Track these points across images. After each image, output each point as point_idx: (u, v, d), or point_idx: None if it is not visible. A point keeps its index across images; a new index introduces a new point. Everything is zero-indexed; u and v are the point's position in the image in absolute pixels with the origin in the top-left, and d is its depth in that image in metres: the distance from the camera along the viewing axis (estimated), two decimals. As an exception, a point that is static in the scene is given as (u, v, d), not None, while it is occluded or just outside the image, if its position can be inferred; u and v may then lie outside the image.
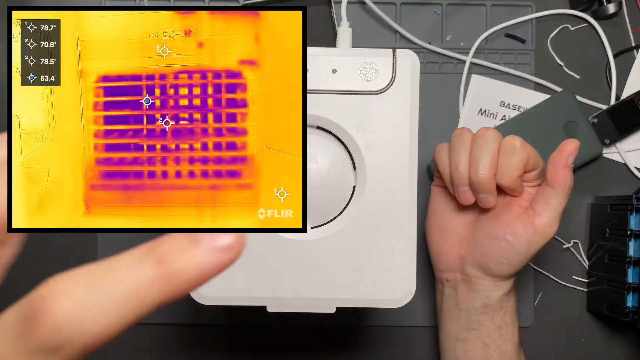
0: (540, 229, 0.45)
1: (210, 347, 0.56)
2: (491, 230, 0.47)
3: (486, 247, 0.47)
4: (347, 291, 0.41)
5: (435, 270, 0.52)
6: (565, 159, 0.44)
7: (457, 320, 0.49)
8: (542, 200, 0.45)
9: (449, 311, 0.50)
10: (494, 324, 0.48)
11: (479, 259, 0.47)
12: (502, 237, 0.46)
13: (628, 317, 0.50)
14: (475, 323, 0.48)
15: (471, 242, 0.48)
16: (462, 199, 0.46)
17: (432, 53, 0.56)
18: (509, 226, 0.46)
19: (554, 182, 0.45)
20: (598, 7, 0.56)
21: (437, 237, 0.51)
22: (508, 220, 0.46)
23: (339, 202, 0.41)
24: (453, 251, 0.49)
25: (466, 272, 0.48)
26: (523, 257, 0.46)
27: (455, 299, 0.50)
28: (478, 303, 0.48)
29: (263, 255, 0.41)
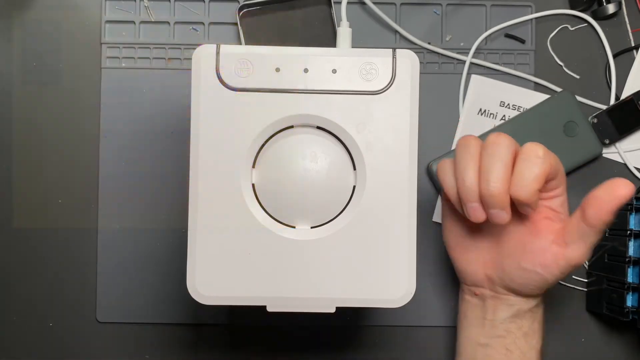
0: (573, 261, 0.43)
1: (210, 347, 0.56)
2: (520, 260, 0.44)
3: (515, 275, 0.45)
4: (347, 291, 0.41)
5: (462, 283, 0.50)
6: (615, 206, 0.40)
7: (482, 327, 0.48)
8: (576, 235, 0.42)
9: (475, 318, 0.48)
10: (521, 331, 0.47)
11: (508, 284, 0.46)
12: (532, 269, 0.44)
13: (628, 316, 0.50)
14: (502, 330, 0.47)
15: (498, 267, 0.46)
16: (472, 216, 0.42)
17: (432, 53, 0.56)
18: (539, 258, 0.43)
19: (594, 222, 0.41)
20: (598, 7, 0.56)
21: (460, 256, 0.48)
22: (537, 252, 0.44)
23: (339, 202, 0.41)
24: (479, 271, 0.47)
25: (495, 290, 0.47)
26: (554, 283, 0.45)
27: (482, 309, 0.48)
28: (507, 314, 0.47)
29: (263, 255, 0.41)
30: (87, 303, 0.55)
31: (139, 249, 0.55)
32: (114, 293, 0.55)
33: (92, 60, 0.56)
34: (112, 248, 0.55)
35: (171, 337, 0.55)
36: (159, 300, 0.55)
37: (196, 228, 0.40)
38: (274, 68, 0.41)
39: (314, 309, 0.41)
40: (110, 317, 0.55)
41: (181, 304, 0.55)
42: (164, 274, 0.55)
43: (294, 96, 0.40)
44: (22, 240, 0.55)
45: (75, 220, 0.55)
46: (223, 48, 0.41)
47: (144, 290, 0.55)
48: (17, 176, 0.55)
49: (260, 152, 0.41)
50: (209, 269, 0.41)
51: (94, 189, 0.55)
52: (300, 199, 0.41)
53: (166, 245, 0.55)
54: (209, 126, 0.40)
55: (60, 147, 0.55)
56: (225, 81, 0.41)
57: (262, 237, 0.41)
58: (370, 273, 0.41)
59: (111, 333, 0.55)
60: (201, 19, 0.56)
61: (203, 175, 0.40)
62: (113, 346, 0.55)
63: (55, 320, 0.55)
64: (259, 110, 0.40)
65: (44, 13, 0.56)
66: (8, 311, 0.55)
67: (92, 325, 0.55)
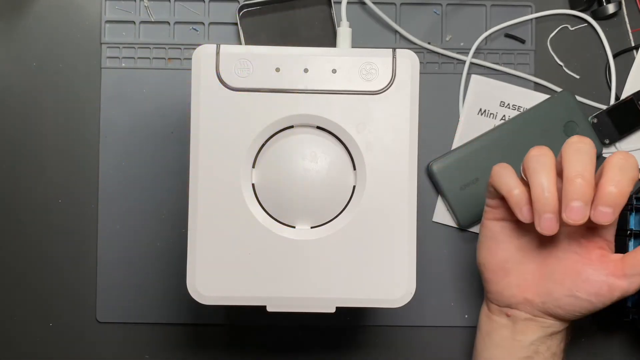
0: (629, 293, 0.43)
1: (210, 347, 0.56)
2: (573, 288, 0.44)
3: (564, 302, 0.44)
4: (347, 291, 0.41)
5: (491, 304, 0.48)
6: None
7: (510, 349, 0.46)
8: (639, 269, 0.42)
9: (502, 339, 0.47)
10: (550, 351, 0.46)
11: (552, 310, 0.45)
12: (585, 299, 0.43)
13: (628, 317, 0.50)
14: (530, 352, 0.46)
15: (543, 292, 0.45)
16: (545, 228, 0.40)
17: (432, 53, 0.56)
18: (594, 288, 0.43)
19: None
20: (598, 7, 0.56)
21: (500, 279, 0.46)
22: (593, 282, 0.43)
23: (339, 202, 0.41)
24: (519, 295, 0.46)
25: (533, 314, 0.46)
26: (600, 309, 0.44)
27: (512, 331, 0.47)
28: (539, 335, 0.46)
29: (263, 255, 0.41)
30: (87, 303, 0.55)
31: (139, 249, 0.55)
32: (114, 293, 0.55)
33: (92, 60, 0.56)
34: (112, 248, 0.55)
35: (171, 337, 0.55)
36: (159, 300, 0.55)
37: (196, 228, 0.40)
38: (274, 68, 0.41)
39: (314, 309, 0.41)
40: (110, 317, 0.55)
41: (181, 304, 0.55)
42: (164, 274, 0.55)
43: (294, 96, 0.41)
44: (22, 240, 0.55)
45: (75, 220, 0.55)
46: (223, 48, 0.41)
47: (144, 290, 0.55)
48: (17, 176, 0.55)
49: (260, 152, 0.41)
50: (209, 269, 0.41)
51: (94, 189, 0.55)
52: (300, 199, 0.41)
53: (166, 245, 0.55)
54: (209, 126, 0.40)
55: (60, 147, 0.55)
56: (225, 81, 0.41)
57: (262, 237, 0.41)
58: (370, 273, 0.41)
59: (111, 333, 0.55)
60: (201, 19, 0.56)
61: (203, 175, 0.40)
62: (113, 346, 0.55)
63: (55, 320, 0.55)
64: (259, 110, 0.41)
65: (44, 13, 0.56)
66: (8, 311, 0.55)
67: (92, 325, 0.55)
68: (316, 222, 0.41)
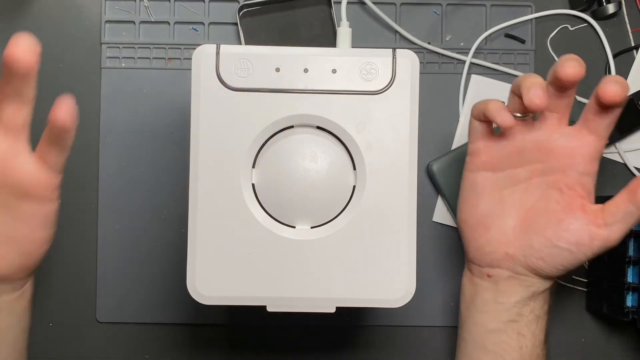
0: (610, 243, 0.43)
1: (210, 347, 0.56)
2: (553, 237, 0.44)
3: (545, 253, 0.44)
4: (347, 291, 0.41)
5: (473, 265, 0.48)
6: None
7: (493, 312, 0.46)
8: (619, 215, 0.42)
9: (484, 304, 0.47)
10: (534, 314, 0.46)
11: (534, 262, 0.45)
12: (565, 248, 0.43)
13: (628, 317, 0.50)
14: (514, 315, 0.46)
15: (525, 245, 0.45)
16: (534, 95, 0.40)
17: (432, 53, 0.56)
18: (575, 237, 0.43)
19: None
20: (598, 7, 0.56)
21: (480, 235, 0.46)
22: (574, 230, 0.43)
23: (339, 202, 0.41)
24: (500, 250, 0.46)
25: (514, 270, 0.46)
26: (581, 264, 0.44)
27: (494, 293, 0.46)
28: (521, 296, 0.46)
29: (263, 255, 0.41)
30: (87, 303, 0.55)
31: (139, 249, 0.55)
32: (114, 293, 0.55)
33: (92, 60, 0.56)
34: (112, 248, 0.55)
35: (171, 337, 0.55)
36: (158, 300, 0.55)
37: (196, 228, 0.40)
38: (274, 68, 0.41)
39: (314, 309, 0.41)
40: (110, 317, 0.55)
41: (181, 304, 0.55)
42: (164, 274, 0.55)
43: (293, 96, 0.41)
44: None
45: (75, 220, 0.55)
46: (223, 48, 0.41)
47: (144, 290, 0.55)
48: (17, 176, 0.55)
49: (260, 152, 0.41)
50: (209, 269, 0.41)
51: (94, 189, 0.55)
52: (300, 199, 0.41)
53: (166, 245, 0.55)
54: (209, 126, 0.40)
55: (60, 147, 0.55)
56: (225, 81, 0.41)
57: (262, 237, 0.41)
58: (370, 273, 0.41)
59: (111, 333, 0.55)
60: (201, 19, 0.56)
61: (203, 175, 0.40)
62: (113, 346, 0.55)
63: (55, 320, 0.55)
64: (258, 110, 0.41)
65: (44, 13, 0.56)
66: (8, 311, 0.55)
67: (92, 325, 0.55)
68: (316, 222, 0.41)
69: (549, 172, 0.44)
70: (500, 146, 0.45)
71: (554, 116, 0.44)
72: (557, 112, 0.43)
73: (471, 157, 0.46)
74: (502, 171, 0.45)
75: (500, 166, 0.45)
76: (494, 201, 0.46)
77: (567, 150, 0.43)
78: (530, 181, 0.45)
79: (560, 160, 0.44)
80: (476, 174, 0.46)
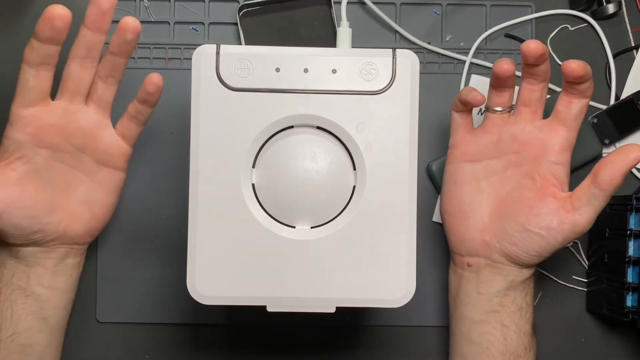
0: (579, 227, 0.44)
1: (210, 347, 0.56)
2: (525, 222, 0.45)
3: (517, 238, 0.46)
4: (347, 291, 0.41)
5: (454, 255, 0.50)
6: (628, 167, 0.43)
7: (476, 303, 0.48)
8: (585, 199, 0.44)
9: (467, 295, 0.49)
10: (515, 305, 0.48)
11: (507, 248, 0.46)
12: (536, 232, 0.45)
13: (628, 317, 0.50)
14: (496, 305, 0.48)
15: (499, 230, 0.47)
16: (501, 62, 0.45)
17: (432, 53, 0.56)
18: (545, 221, 0.45)
19: (605, 186, 0.43)
20: (598, 7, 0.56)
21: (458, 223, 0.49)
22: (544, 215, 0.45)
23: (339, 202, 0.41)
24: (477, 237, 0.48)
25: (491, 258, 0.47)
26: (554, 250, 0.46)
27: (475, 283, 0.48)
28: (501, 286, 0.47)
29: (263, 255, 0.41)
30: (87, 303, 0.55)
31: (139, 249, 0.55)
32: (114, 293, 0.55)
33: (92, 60, 0.55)
34: (112, 248, 0.55)
35: (171, 337, 0.55)
36: (159, 300, 0.55)
37: (196, 228, 0.40)
38: (273, 68, 0.41)
39: (314, 309, 0.41)
40: (110, 317, 0.55)
41: (181, 304, 0.55)
42: (164, 274, 0.55)
43: (293, 96, 0.41)
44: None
45: (75, 220, 0.55)
46: (223, 48, 0.41)
47: (144, 290, 0.55)
48: (17, 176, 0.55)
49: (260, 152, 0.41)
50: (209, 269, 0.41)
51: (94, 189, 0.55)
52: (300, 199, 0.41)
53: (166, 245, 0.55)
54: (209, 126, 0.41)
55: (60, 147, 0.55)
56: (225, 81, 0.41)
57: (262, 237, 0.41)
58: (370, 273, 0.41)
59: (111, 333, 0.55)
60: (201, 19, 0.56)
61: (203, 175, 0.41)
62: (113, 346, 0.55)
63: (55, 320, 0.55)
64: (258, 110, 0.41)
65: (44, 13, 0.56)
66: (8, 311, 0.55)
67: (92, 325, 0.55)
68: (316, 222, 0.41)
69: (523, 162, 0.47)
70: (478, 138, 0.48)
71: (527, 110, 0.47)
72: (530, 106, 0.47)
73: (451, 149, 0.49)
74: (479, 162, 0.48)
75: (478, 157, 0.48)
76: (473, 191, 0.48)
77: (539, 141, 0.46)
78: (506, 171, 0.48)
79: (533, 151, 0.46)
80: (456, 165, 0.49)
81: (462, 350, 0.50)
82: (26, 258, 0.46)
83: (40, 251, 0.46)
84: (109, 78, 0.45)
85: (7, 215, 0.43)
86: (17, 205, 0.43)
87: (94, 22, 0.42)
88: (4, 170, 0.44)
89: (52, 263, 0.47)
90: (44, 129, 0.44)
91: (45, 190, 0.45)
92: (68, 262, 0.48)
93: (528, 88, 0.46)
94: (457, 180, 0.49)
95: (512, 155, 0.47)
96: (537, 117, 0.47)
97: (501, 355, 0.47)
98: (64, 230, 0.46)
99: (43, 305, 0.47)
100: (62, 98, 0.44)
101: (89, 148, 0.46)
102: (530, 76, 0.46)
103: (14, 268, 0.46)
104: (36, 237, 0.45)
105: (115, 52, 0.44)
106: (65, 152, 0.45)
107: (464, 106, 0.48)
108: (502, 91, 0.47)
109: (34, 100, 0.43)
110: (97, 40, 0.43)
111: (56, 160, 0.45)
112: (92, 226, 0.48)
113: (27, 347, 0.46)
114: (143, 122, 0.47)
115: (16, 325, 0.46)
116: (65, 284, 0.49)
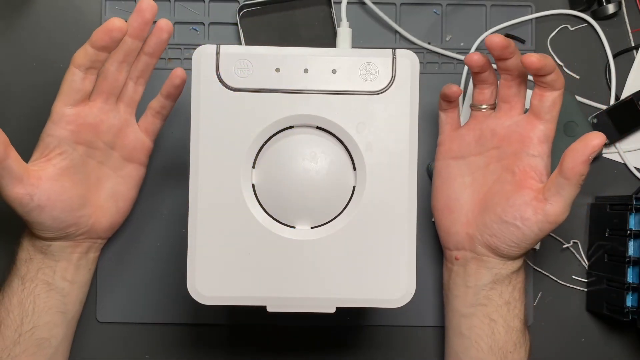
0: (551, 217, 0.45)
1: (210, 347, 0.56)
2: (501, 214, 0.47)
3: (496, 229, 0.47)
4: (347, 291, 0.41)
5: (445, 249, 0.52)
6: (588, 154, 0.43)
7: (464, 296, 0.50)
8: (554, 189, 0.45)
9: (456, 288, 0.50)
10: (503, 299, 0.49)
11: (488, 239, 0.48)
12: (512, 222, 0.46)
13: (628, 316, 0.50)
14: (483, 299, 0.49)
15: (480, 223, 0.48)
16: (472, 54, 0.47)
17: (432, 53, 0.56)
18: (519, 212, 0.46)
19: (569, 174, 0.44)
20: (598, 7, 0.56)
21: (445, 217, 0.51)
22: (519, 205, 0.46)
23: (339, 202, 0.41)
24: (462, 231, 0.49)
25: (476, 251, 0.49)
26: (532, 241, 0.47)
27: (463, 276, 0.50)
28: (487, 279, 0.49)
29: (263, 255, 0.41)
30: (87, 303, 0.55)
31: (139, 249, 0.55)
32: (114, 293, 0.55)
33: (92, 60, 0.56)
34: (112, 248, 0.55)
35: (171, 337, 0.55)
36: (159, 300, 0.55)
37: (196, 228, 0.40)
38: (273, 68, 0.41)
39: (314, 309, 0.41)
40: (110, 317, 0.55)
41: (181, 304, 0.55)
42: (164, 274, 0.55)
43: (293, 96, 0.41)
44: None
45: (76, 220, 0.55)
46: (223, 48, 0.41)
47: (144, 290, 0.55)
48: (17, 176, 0.55)
49: (260, 152, 0.41)
50: (209, 269, 0.41)
51: (94, 189, 0.55)
52: (300, 199, 0.41)
53: (166, 245, 0.55)
54: (209, 126, 0.41)
55: (60, 147, 0.55)
56: (225, 81, 0.41)
57: (262, 237, 0.41)
58: (370, 273, 0.41)
59: (111, 333, 0.55)
60: (201, 19, 0.56)
61: (203, 175, 0.41)
62: (113, 346, 0.55)
63: (56, 320, 0.55)
64: (258, 110, 0.41)
65: (44, 13, 0.56)
66: (8, 311, 0.55)
67: (92, 325, 0.55)
68: (316, 222, 0.41)
69: (503, 156, 0.48)
70: (462, 136, 0.50)
71: (506, 106, 0.48)
72: (508, 102, 0.48)
73: (439, 147, 0.52)
74: (464, 159, 0.50)
75: (463, 154, 0.50)
76: (458, 187, 0.50)
77: (517, 136, 0.47)
78: (488, 167, 0.49)
79: (513, 145, 0.48)
80: (442, 163, 0.51)
81: (453, 344, 0.51)
82: (54, 253, 0.48)
83: (69, 246, 0.49)
84: (140, 79, 0.48)
85: (50, 208, 0.45)
86: (58, 198, 0.45)
87: (136, 30, 0.45)
88: (45, 166, 0.46)
89: (76, 257, 0.49)
90: (82, 127, 0.46)
91: (79, 185, 0.47)
92: (90, 256, 0.51)
93: (504, 84, 0.48)
94: (444, 176, 0.51)
95: (493, 150, 0.49)
96: (516, 112, 0.48)
97: (490, 350, 0.48)
98: (93, 224, 0.48)
99: (64, 299, 0.49)
100: (98, 99, 0.47)
101: (118, 145, 0.49)
102: (504, 72, 0.47)
103: (40, 263, 0.48)
104: (69, 231, 0.47)
105: (150, 52, 0.47)
106: (97, 148, 0.48)
107: (447, 102, 0.50)
108: (483, 88, 0.49)
109: (77, 100, 0.46)
110: (135, 46, 0.46)
111: (89, 156, 0.48)
112: (115, 220, 0.51)
113: (45, 340, 0.48)
114: (165, 117, 0.51)
115: (37, 319, 0.48)
116: (85, 278, 0.51)
